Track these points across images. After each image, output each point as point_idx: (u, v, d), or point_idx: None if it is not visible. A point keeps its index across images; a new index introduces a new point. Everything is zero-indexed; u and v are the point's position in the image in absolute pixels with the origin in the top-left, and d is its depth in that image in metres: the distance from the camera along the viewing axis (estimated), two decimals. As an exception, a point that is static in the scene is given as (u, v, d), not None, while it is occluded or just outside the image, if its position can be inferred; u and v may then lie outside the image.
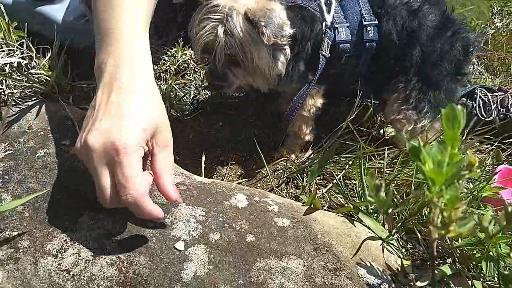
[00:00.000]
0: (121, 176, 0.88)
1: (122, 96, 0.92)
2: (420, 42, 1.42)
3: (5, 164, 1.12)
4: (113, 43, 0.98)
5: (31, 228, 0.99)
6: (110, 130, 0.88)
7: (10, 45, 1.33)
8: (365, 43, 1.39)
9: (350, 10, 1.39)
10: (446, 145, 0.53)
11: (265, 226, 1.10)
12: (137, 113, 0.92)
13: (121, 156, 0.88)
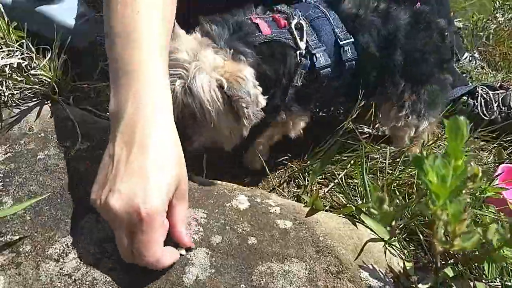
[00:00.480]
0: (141, 244, 0.86)
1: (143, 153, 0.87)
2: (400, 44, 1.40)
3: (5, 167, 1.11)
4: (132, 84, 0.91)
5: (33, 232, 0.99)
6: (134, 194, 0.84)
7: (10, 46, 1.33)
8: (345, 64, 1.34)
9: (323, 31, 1.33)
10: (450, 157, 0.52)
11: (267, 228, 1.10)
12: (160, 174, 0.87)
13: (144, 225, 0.84)
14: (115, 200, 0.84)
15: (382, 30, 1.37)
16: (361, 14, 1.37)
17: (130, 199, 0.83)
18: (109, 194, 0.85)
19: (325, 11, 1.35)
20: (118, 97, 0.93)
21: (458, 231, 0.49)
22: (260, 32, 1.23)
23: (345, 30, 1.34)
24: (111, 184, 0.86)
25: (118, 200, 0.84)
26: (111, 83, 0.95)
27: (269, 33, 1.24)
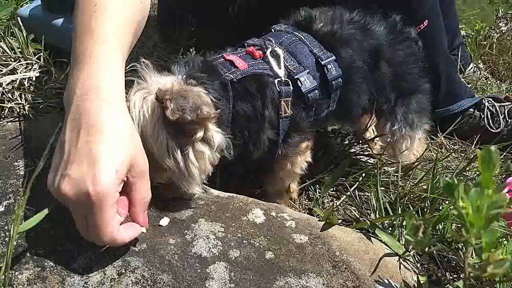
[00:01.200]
0: (93, 225, 0.89)
1: (91, 136, 0.89)
2: (385, 57, 1.39)
3: (27, 181, 1.13)
4: (81, 70, 0.95)
5: (57, 246, 1.00)
6: (83, 178, 0.86)
7: (28, 59, 1.35)
8: (331, 82, 1.29)
9: (301, 54, 1.28)
10: (482, 186, 0.54)
11: (283, 242, 1.12)
12: (109, 155, 0.89)
13: (94, 207, 0.87)
14: (66, 184, 0.87)
15: (364, 43, 1.35)
16: (336, 29, 1.33)
17: (79, 183, 0.86)
18: (61, 179, 0.88)
19: (298, 35, 1.32)
20: (68, 86, 0.97)
21: (492, 259, 0.51)
22: (236, 67, 1.17)
23: (324, 50, 1.30)
24: (62, 169, 0.89)
25: (68, 184, 0.87)
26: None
27: (245, 67, 1.18)
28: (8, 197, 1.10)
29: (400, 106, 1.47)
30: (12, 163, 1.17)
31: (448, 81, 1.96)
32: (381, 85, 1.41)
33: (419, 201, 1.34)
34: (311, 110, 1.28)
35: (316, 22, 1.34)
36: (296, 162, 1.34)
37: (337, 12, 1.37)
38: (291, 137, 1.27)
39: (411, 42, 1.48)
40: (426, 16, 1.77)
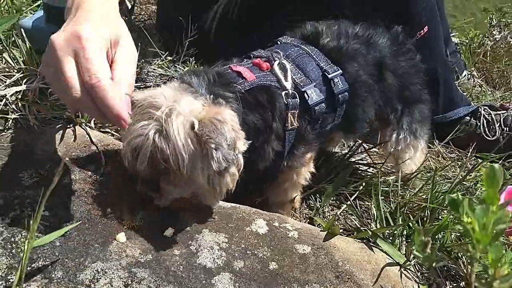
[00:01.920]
0: (84, 59, 0.94)
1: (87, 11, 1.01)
2: (389, 69, 1.42)
3: (33, 192, 1.14)
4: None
5: (63, 257, 1.01)
6: (74, 27, 0.97)
7: (32, 70, 1.36)
8: (338, 96, 1.31)
9: (308, 67, 1.29)
10: (486, 202, 0.56)
11: (287, 253, 1.14)
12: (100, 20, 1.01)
13: (84, 42, 0.94)
14: (57, 35, 0.97)
15: (368, 57, 1.38)
16: (342, 44, 1.35)
17: (70, 30, 0.97)
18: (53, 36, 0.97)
19: (305, 48, 1.33)
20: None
21: (498, 274, 0.53)
22: (243, 78, 1.18)
23: (330, 63, 1.31)
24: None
25: (59, 34, 0.97)
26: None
27: (253, 79, 1.19)
28: (14, 209, 1.10)
29: (406, 115, 1.51)
30: (17, 175, 1.18)
31: (446, 87, 1.99)
32: (388, 96, 1.45)
33: (419, 211, 1.36)
34: (317, 123, 1.30)
35: (323, 36, 1.36)
36: (301, 173, 1.36)
37: (342, 26, 1.40)
38: (297, 148, 1.28)
39: (413, 54, 1.52)
40: (426, 22, 1.81)
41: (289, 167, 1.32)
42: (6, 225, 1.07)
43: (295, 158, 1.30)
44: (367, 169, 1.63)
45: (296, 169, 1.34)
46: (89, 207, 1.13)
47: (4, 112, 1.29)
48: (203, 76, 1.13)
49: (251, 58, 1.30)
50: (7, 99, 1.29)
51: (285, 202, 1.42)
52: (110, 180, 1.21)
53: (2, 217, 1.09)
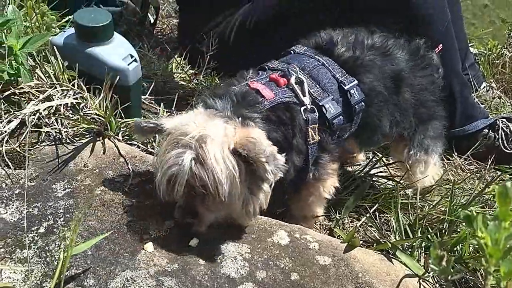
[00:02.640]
0: None
1: None
2: (406, 83, 1.41)
3: (65, 203, 1.20)
4: None
5: (95, 266, 1.06)
6: None
7: (64, 85, 1.42)
8: (354, 107, 1.32)
9: (324, 79, 1.30)
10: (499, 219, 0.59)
11: (308, 264, 1.17)
12: None
13: None
14: None
15: (384, 68, 1.37)
16: (358, 55, 1.34)
17: None
18: None
19: (320, 59, 1.33)
20: None
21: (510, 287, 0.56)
22: (263, 97, 1.20)
23: (346, 74, 1.31)
24: None
25: None
26: None
27: (272, 97, 1.21)
28: (48, 219, 1.17)
29: (419, 133, 1.51)
30: (50, 186, 1.24)
31: (463, 102, 2.00)
32: (405, 110, 1.44)
33: (438, 223, 1.38)
34: (335, 134, 1.32)
35: (338, 46, 1.36)
36: (326, 186, 1.36)
37: (359, 36, 1.39)
38: (321, 158, 1.30)
39: (432, 69, 1.51)
40: (441, 40, 1.83)
41: (315, 178, 1.33)
42: (40, 234, 1.13)
43: (320, 167, 1.31)
44: (386, 182, 1.65)
45: (322, 181, 1.35)
46: (118, 217, 1.18)
47: (37, 126, 1.36)
48: (227, 99, 1.16)
49: (265, 70, 1.32)
50: (40, 113, 1.36)
51: (308, 216, 1.43)
52: (138, 191, 1.26)
53: (37, 227, 1.15)
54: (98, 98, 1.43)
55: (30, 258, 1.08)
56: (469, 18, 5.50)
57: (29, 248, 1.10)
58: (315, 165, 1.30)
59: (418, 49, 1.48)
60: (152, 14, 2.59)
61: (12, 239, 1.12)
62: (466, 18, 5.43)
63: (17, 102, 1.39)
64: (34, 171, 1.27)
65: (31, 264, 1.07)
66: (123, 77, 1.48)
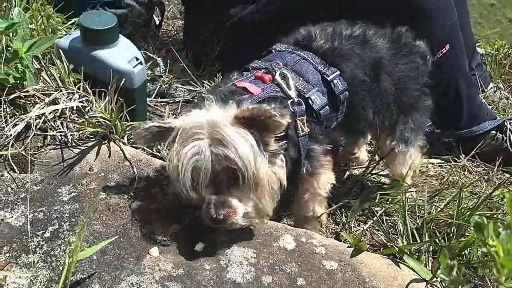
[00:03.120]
0: None
1: None
2: (385, 71, 1.41)
3: (71, 207, 1.20)
4: None
5: (100, 271, 1.06)
6: None
7: (69, 88, 1.42)
8: (339, 96, 1.34)
9: (307, 72, 1.32)
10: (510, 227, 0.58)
11: (314, 269, 1.16)
12: None
13: None
14: None
15: (363, 56, 1.38)
16: (336, 46, 1.36)
17: None
18: None
19: (301, 54, 1.35)
20: None
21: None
22: (250, 93, 1.23)
23: (327, 65, 1.34)
24: None
25: None
26: None
27: (260, 92, 1.23)
28: (53, 223, 1.16)
29: (400, 123, 1.50)
30: (56, 190, 1.24)
31: (470, 103, 1.99)
32: (386, 99, 1.43)
33: (446, 227, 1.37)
34: (322, 125, 1.33)
35: (317, 39, 1.38)
36: (320, 181, 1.37)
37: (337, 28, 1.40)
38: (312, 150, 1.31)
39: (415, 56, 1.48)
40: (447, 40, 1.81)
41: (309, 173, 1.34)
42: (46, 239, 1.13)
43: (313, 159, 1.32)
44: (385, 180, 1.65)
45: (316, 176, 1.36)
46: (123, 221, 1.18)
47: (43, 130, 1.36)
48: (216, 97, 1.20)
49: (249, 70, 1.34)
50: (45, 116, 1.36)
51: (308, 216, 1.43)
52: (143, 195, 1.26)
53: (42, 232, 1.15)
54: (103, 101, 1.42)
55: (35, 263, 1.08)
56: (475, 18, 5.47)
57: (35, 253, 1.10)
58: (308, 158, 1.31)
59: (400, 36, 1.47)
60: (157, 15, 2.59)
61: (17, 244, 1.12)
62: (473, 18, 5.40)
63: (22, 106, 1.40)
64: (40, 175, 1.27)
65: (36, 269, 1.06)
66: (129, 80, 1.48)
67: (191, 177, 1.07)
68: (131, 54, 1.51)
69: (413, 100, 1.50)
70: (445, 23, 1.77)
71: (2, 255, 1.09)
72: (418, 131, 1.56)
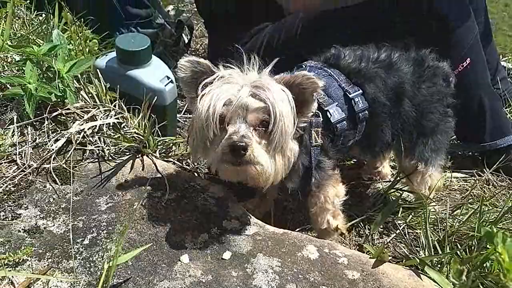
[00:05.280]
0: None
1: None
2: (407, 95, 1.44)
3: (108, 216, 1.28)
4: None
5: (135, 276, 1.14)
6: None
7: (106, 106, 1.52)
8: (358, 114, 1.39)
9: (330, 87, 1.37)
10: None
11: (337, 278, 1.20)
12: None
13: None
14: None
15: (387, 81, 1.41)
16: (363, 67, 1.41)
17: None
18: None
19: (328, 70, 1.41)
20: None
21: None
22: None
23: (351, 84, 1.39)
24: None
25: None
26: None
27: None
28: (92, 231, 1.25)
29: (419, 145, 1.52)
30: (94, 200, 1.33)
31: (493, 116, 1.99)
32: (405, 122, 1.46)
33: (467, 239, 1.39)
34: (339, 140, 1.38)
35: (345, 58, 1.44)
36: (327, 195, 1.41)
37: (365, 51, 1.45)
38: (322, 162, 1.36)
39: (438, 79, 1.51)
40: (468, 54, 1.84)
41: (316, 184, 1.38)
42: (85, 246, 1.21)
43: (321, 172, 1.36)
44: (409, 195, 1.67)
45: (323, 189, 1.40)
46: (156, 230, 1.26)
47: (82, 144, 1.45)
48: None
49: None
50: (84, 132, 1.46)
51: (324, 230, 1.46)
52: (175, 206, 1.34)
53: (82, 239, 1.23)
54: (137, 117, 1.52)
55: (75, 268, 1.16)
56: (505, 30, 5.41)
57: (75, 258, 1.18)
58: (317, 169, 1.35)
59: (423, 59, 1.50)
60: (186, 34, 2.71)
61: (59, 250, 1.21)
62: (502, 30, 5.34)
63: (63, 122, 1.50)
64: (79, 186, 1.37)
65: (76, 274, 1.15)
66: (160, 97, 1.57)
67: (219, 111, 1.14)
68: (163, 73, 1.60)
69: (434, 124, 1.52)
70: (466, 37, 1.80)
71: (45, 260, 1.18)
72: (439, 151, 1.58)
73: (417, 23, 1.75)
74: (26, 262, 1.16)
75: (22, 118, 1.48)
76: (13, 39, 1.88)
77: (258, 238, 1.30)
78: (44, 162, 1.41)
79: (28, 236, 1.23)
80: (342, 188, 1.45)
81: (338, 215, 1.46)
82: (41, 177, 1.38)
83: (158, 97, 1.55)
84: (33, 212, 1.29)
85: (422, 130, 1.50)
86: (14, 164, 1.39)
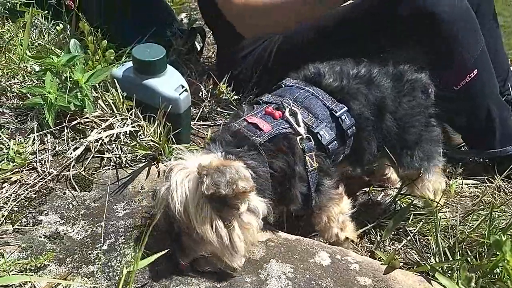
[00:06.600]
0: None
1: None
2: (388, 110, 1.44)
3: (125, 222, 1.32)
4: None
5: (152, 281, 1.17)
6: None
7: (123, 115, 1.57)
8: (346, 131, 1.39)
9: (316, 108, 1.37)
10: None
11: (348, 284, 1.23)
12: None
13: None
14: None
15: (369, 96, 1.41)
16: (345, 84, 1.41)
17: None
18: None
19: (310, 90, 1.40)
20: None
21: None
22: (261, 130, 1.26)
23: (336, 102, 1.38)
24: None
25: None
26: None
27: (270, 129, 1.27)
28: (110, 237, 1.29)
29: (405, 156, 1.52)
30: (112, 207, 1.37)
31: (502, 123, 2.00)
32: (386, 137, 1.47)
33: (478, 246, 1.41)
34: (330, 159, 1.38)
35: (326, 77, 1.43)
36: (332, 215, 1.41)
37: (344, 68, 1.45)
38: (321, 184, 1.36)
39: (417, 92, 1.50)
40: (475, 65, 1.85)
41: (318, 207, 1.38)
42: (103, 251, 1.26)
43: (321, 194, 1.36)
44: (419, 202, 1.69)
45: (324, 210, 1.40)
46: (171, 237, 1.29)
47: (100, 152, 1.50)
48: (220, 140, 1.25)
49: (260, 104, 1.39)
50: (102, 140, 1.50)
51: (334, 241, 1.46)
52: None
53: (100, 244, 1.27)
54: (153, 125, 1.56)
55: (95, 273, 1.20)
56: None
57: (94, 264, 1.22)
58: (317, 192, 1.35)
59: (402, 74, 1.50)
60: (199, 42, 2.75)
61: (78, 256, 1.25)
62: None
63: (82, 131, 1.54)
64: (98, 193, 1.41)
65: (95, 279, 1.19)
66: (175, 106, 1.61)
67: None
68: (177, 82, 1.64)
69: (416, 136, 1.52)
70: (473, 48, 1.82)
71: (65, 265, 1.22)
72: (430, 157, 1.58)
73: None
74: (47, 267, 1.21)
75: (42, 127, 1.54)
76: (31, 49, 1.94)
77: (271, 244, 1.33)
78: (63, 170, 1.45)
79: (49, 241, 1.27)
80: (346, 203, 1.45)
81: (346, 227, 1.47)
82: (60, 184, 1.43)
83: (173, 106, 1.59)
84: (54, 218, 1.34)
85: (405, 144, 1.51)
86: (35, 172, 1.44)
